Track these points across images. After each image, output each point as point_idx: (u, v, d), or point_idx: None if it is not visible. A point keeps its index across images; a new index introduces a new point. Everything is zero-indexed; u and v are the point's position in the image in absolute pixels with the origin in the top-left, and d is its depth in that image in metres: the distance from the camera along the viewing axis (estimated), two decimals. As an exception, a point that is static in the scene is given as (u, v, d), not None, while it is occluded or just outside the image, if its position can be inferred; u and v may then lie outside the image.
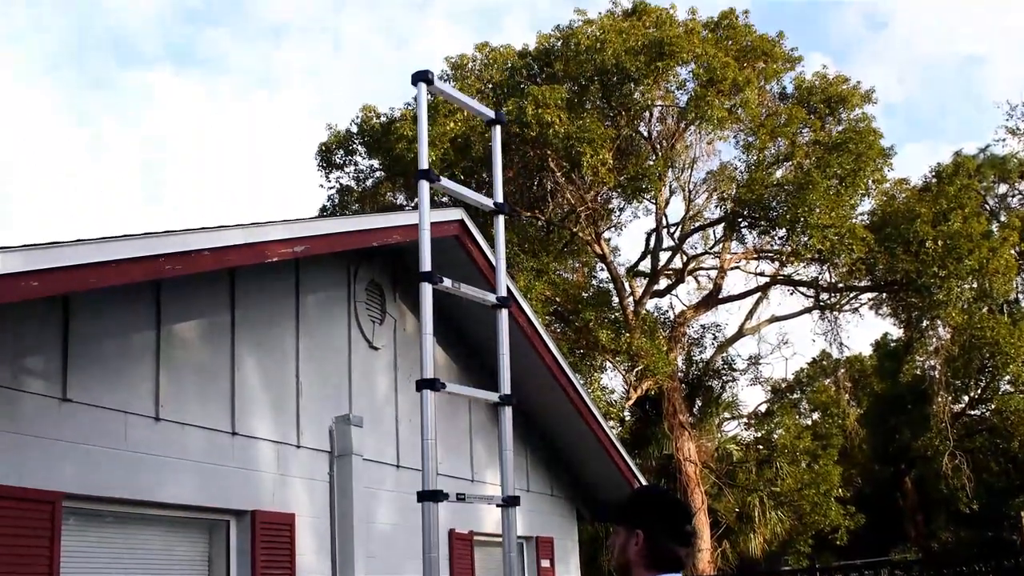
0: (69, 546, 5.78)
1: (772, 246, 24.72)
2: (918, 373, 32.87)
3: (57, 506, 5.60)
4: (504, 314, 5.04)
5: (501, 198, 5.29)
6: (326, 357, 8.36)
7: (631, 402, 23.63)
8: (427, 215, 4.69)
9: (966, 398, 31.49)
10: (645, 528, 2.99)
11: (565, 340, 22.18)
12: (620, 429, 24.29)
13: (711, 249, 26.33)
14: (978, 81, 66.45)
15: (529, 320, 10.17)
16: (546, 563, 11.53)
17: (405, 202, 25.52)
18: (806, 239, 21.93)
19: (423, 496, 4.34)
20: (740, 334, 27.38)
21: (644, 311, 25.24)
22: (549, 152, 21.46)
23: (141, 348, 6.48)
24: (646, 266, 26.27)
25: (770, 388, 31.22)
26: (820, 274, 25.45)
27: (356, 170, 26.49)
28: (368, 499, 8.35)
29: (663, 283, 26.77)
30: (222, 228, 6.33)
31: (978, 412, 31.96)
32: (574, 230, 24.23)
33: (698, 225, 25.78)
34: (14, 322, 5.57)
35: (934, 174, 28.25)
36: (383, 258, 9.21)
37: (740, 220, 24.44)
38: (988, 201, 31.97)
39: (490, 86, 23.47)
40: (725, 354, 28.22)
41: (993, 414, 30.29)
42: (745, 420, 29.41)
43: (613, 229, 26.32)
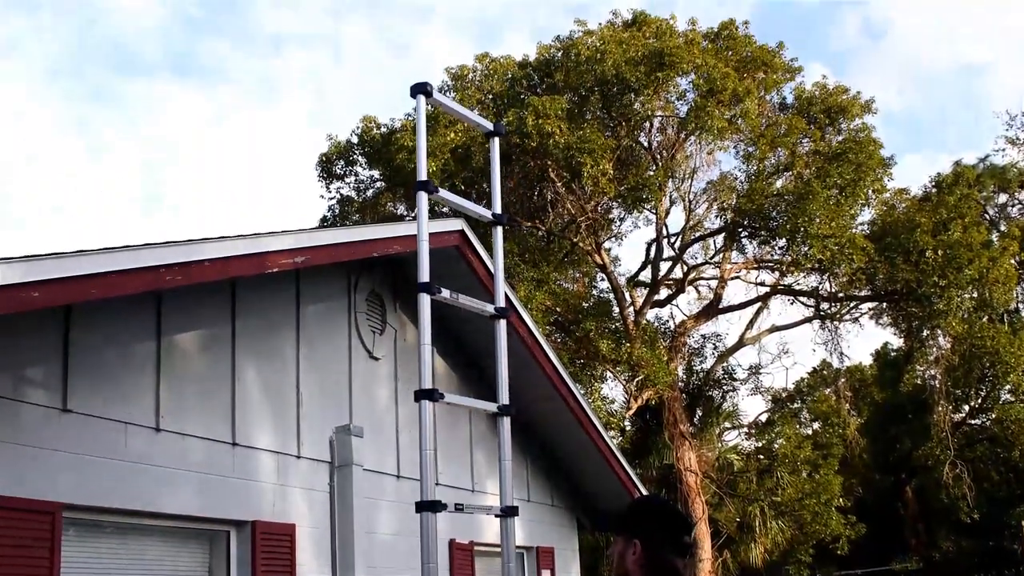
0: (69, 557, 5.77)
1: (772, 256, 24.72)
2: (918, 383, 32.90)
3: (57, 516, 5.60)
4: (503, 324, 5.05)
5: (500, 209, 5.30)
6: (327, 367, 8.37)
7: (631, 412, 23.61)
8: (425, 226, 4.70)
9: (967, 407, 31.50)
10: (643, 538, 2.99)
11: (566, 350, 22.17)
12: (620, 439, 24.31)
13: (711, 259, 26.36)
14: (978, 91, 66.62)
15: (529, 330, 10.17)
16: (547, 573, 11.52)
17: (406, 213, 25.54)
18: (806, 249, 21.92)
19: (421, 507, 4.36)
20: (740, 344, 27.35)
21: (644, 321, 25.25)
22: (549, 162, 21.49)
23: (142, 358, 6.49)
24: (646, 276, 26.31)
25: (771, 398, 31.24)
26: (820, 284, 25.43)
27: (356, 180, 26.60)
28: (369, 509, 8.34)
29: (663, 293, 26.79)
30: (223, 239, 6.34)
31: (979, 421, 31.97)
32: (574, 240, 24.25)
33: (698, 235, 25.79)
34: (15, 333, 5.57)
35: (934, 184, 28.28)
36: (384, 268, 9.22)
37: (740, 230, 24.45)
38: (988, 211, 31.97)
39: (490, 97, 23.53)
40: (725, 364, 28.19)
41: (994, 423, 30.30)
42: (746, 430, 29.43)
43: (613, 239, 26.40)
